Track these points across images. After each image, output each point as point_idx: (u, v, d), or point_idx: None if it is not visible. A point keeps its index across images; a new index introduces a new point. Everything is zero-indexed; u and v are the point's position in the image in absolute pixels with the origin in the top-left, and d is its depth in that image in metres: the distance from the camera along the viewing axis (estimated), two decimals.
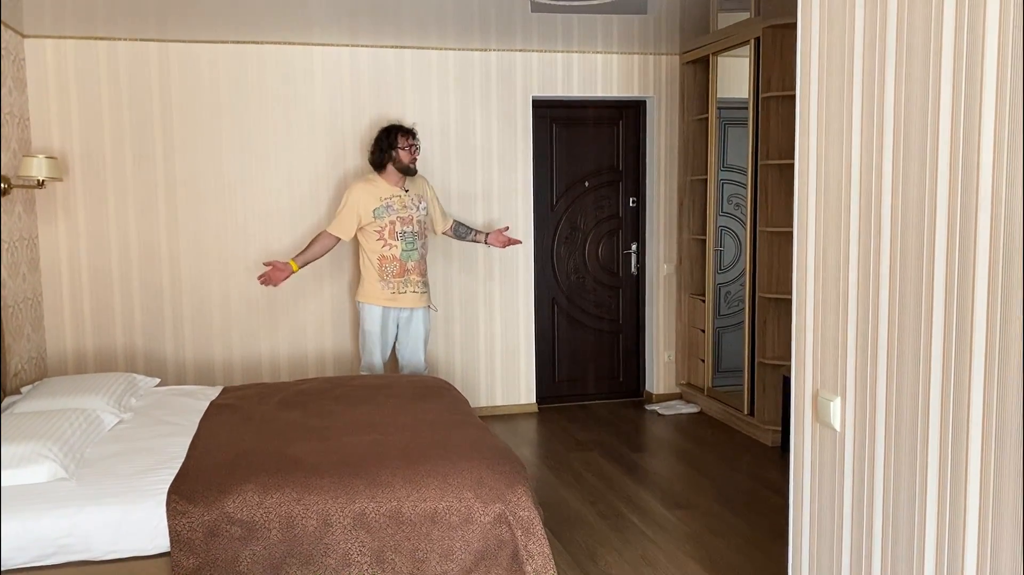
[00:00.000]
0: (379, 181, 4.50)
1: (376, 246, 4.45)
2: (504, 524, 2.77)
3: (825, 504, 2.03)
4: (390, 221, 4.44)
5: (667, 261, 5.68)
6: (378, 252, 4.46)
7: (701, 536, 3.50)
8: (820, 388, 2.02)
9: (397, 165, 4.46)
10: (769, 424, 4.75)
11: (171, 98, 4.80)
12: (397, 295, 4.51)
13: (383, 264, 4.46)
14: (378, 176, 4.51)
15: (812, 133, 2.01)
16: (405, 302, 4.54)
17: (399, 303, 4.52)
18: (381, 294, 4.49)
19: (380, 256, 4.46)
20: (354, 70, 5.04)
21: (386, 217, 4.44)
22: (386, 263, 4.46)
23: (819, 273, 2.01)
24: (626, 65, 5.46)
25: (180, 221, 4.87)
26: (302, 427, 3.25)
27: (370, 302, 4.53)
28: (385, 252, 4.45)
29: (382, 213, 4.43)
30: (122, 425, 3.30)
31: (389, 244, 4.45)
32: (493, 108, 5.27)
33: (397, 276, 4.48)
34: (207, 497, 2.64)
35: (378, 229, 4.44)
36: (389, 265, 4.46)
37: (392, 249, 4.45)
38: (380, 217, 4.43)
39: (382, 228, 4.44)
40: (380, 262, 4.46)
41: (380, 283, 4.48)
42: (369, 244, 4.47)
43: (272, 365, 5.07)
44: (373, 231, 4.45)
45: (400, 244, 4.46)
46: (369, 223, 4.44)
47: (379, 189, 4.47)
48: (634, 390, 5.85)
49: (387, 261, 4.46)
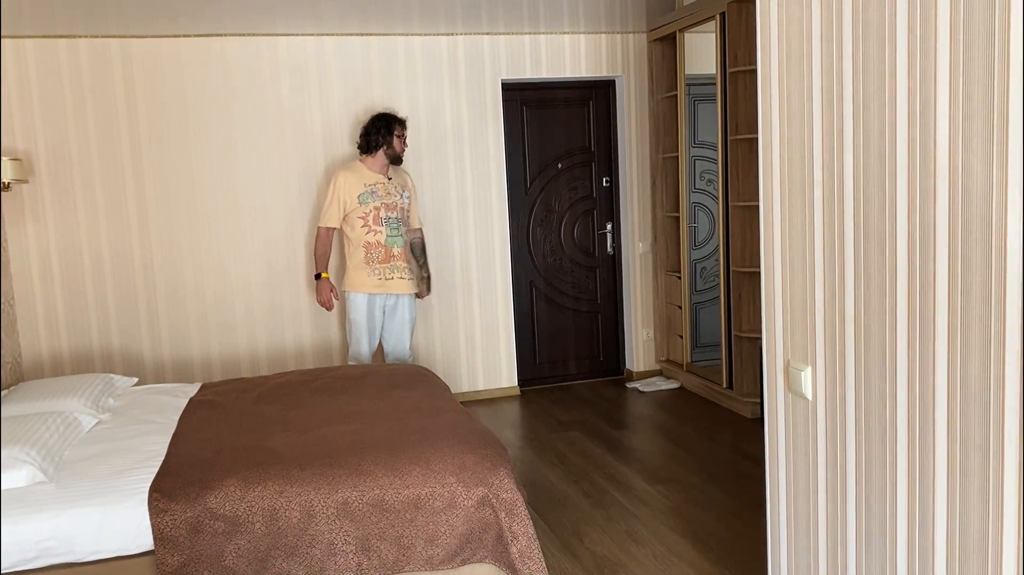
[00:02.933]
0: (362, 168, 4.54)
1: (360, 232, 4.47)
2: (488, 507, 2.79)
3: (800, 472, 2.06)
4: (375, 207, 4.47)
5: (642, 239, 5.71)
6: (363, 238, 4.48)
7: (683, 509, 3.55)
8: (791, 358, 2.05)
9: (388, 153, 4.53)
10: (748, 396, 4.80)
11: (136, 95, 4.75)
12: (384, 282, 4.53)
13: (369, 250, 4.49)
14: (362, 162, 4.56)
15: (773, 107, 2.03)
16: (392, 288, 4.56)
17: (387, 289, 4.55)
18: (368, 281, 4.51)
19: (365, 242, 4.48)
20: (320, 60, 5.01)
21: (371, 203, 4.47)
22: (372, 249, 4.49)
23: (786, 245, 2.03)
24: (594, 45, 5.46)
25: (151, 218, 4.83)
26: (281, 420, 3.25)
27: (356, 290, 4.55)
28: (370, 238, 4.47)
29: (367, 199, 4.46)
30: (100, 426, 3.29)
31: (373, 230, 4.47)
32: (463, 93, 5.26)
33: (383, 262, 4.50)
34: (189, 494, 2.64)
35: (362, 215, 4.47)
36: (375, 251, 4.49)
37: (377, 235, 4.48)
38: (364, 203, 4.46)
39: (366, 214, 4.47)
40: (366, 248, 4.49)
41: (367, 269, 4.50)
42: (354, 231, 4.50)
43: (251, 360, 5.06)
44: (357, 217, 4.47)
45: (384, 230, 4.49)
46: (353, 209, 4.47)
47: (363, 175, 4.51)
48: (614, 369, 5.89)
49: (372, 247, 4.49)
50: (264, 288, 5.03)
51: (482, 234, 5.37)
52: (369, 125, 4.56)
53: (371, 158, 4.56)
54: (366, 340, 4.61)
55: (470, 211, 5.34)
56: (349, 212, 4.48)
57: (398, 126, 4.55)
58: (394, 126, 4.54)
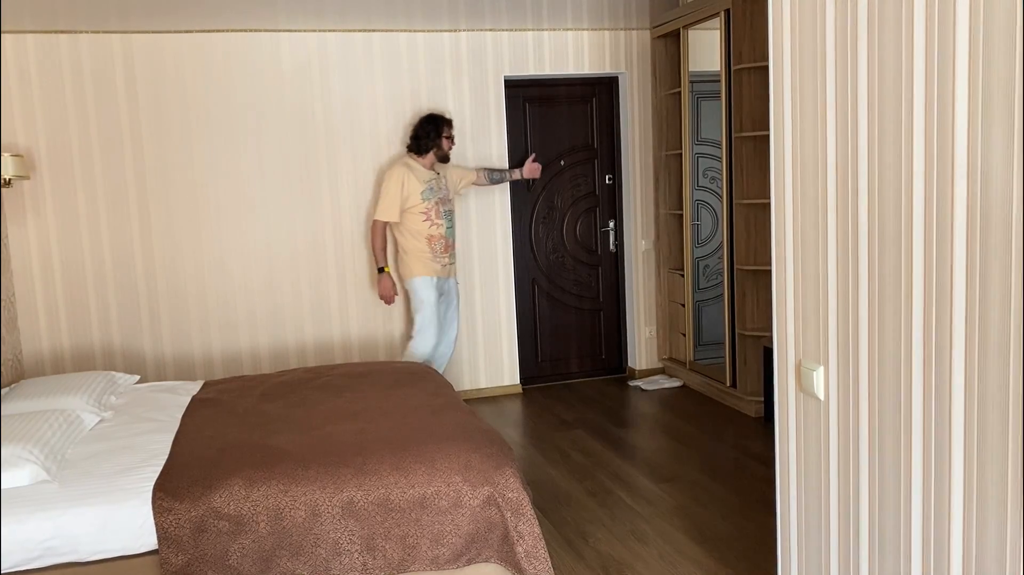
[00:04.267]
0: (417, 166, 4.74)
1: (423, 226, 4.70)
2: (493, 506, 2.77)
3: (811, 473, 2.04)
4: (435, 202, 4.71)
5: (645, 237, 5.69)
6: (426, 232, 4.71)
7: (688, 508, 3.53)
8: (803, 358, 2.03)
9: (438, 154, 4.78)
10: (751, 395, 4.78)
11: (137, 91, 4.72)
12: (445, 267, 4.83)
13: (432, 242, 4.73)
14: (415, 161, 4.75)
15: (785, 104, 2.01)
16: (450, 273, 4.90)
17: (447, 274, 4.87)
18: (432, 266, 4.76)
19: (428, 235, 4.71)
20: (322, 56, 4.98)
21: (432, 198, 4.70)
22: (434, 241, 4.73)
23: (798, 244, 2.01)
24: (597, 41, 5.44)
25: (152, 215, 4.81)
26: (285, 418, 3.23)
27: (424, 274, 4.75)
28: (433, 231, 4.72)
29: (428, 195, 4.69)
30: (103, 424, 3.27)
31: (436, 223, 4.72)
32: (465, 90, 5.23)
33: (444, 252, 4.79)
34: (193, 493, 2.62)
35: (424, 211, 4.69)
36: (437, 243, 4.74)
37: (439, 228, 4.74)
38: (427, 199, 4.69)
39: (428, 209, 4.70)
40: (429, 241, 4.72)
41: (431, 256, 4.74)
42: (415, 225, 4.70)
43: (253, 357, 5.03)
44: (419, 212, 4.69)
45: (444, 223, 4.76)
46: (415, 205, 4.68)
47: (420, 173, 4.72)
48: (617, 367, 5.87)
49: (435, 239, 4.73)
50: (266, 285, 5.01)
51: (484, 231, 5.35)
52: (419, 127, 4.76)
53: (423, 158, 4.76)
54: (435, 323, 4.79)
55: (472, 208, 5.31)
56: (410, 207, 4.68)
57: (446, 127, 4.78)
58: (443, 127, 4.76)
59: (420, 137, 4.74)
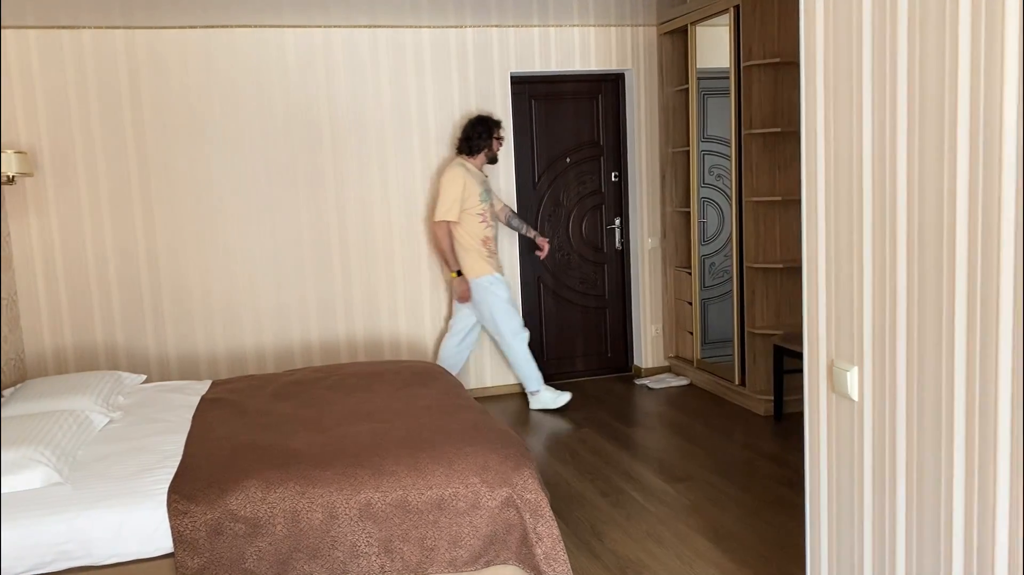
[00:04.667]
0: (472, 167, 4.78)
1: (479, 228, 4.72)
2: (512, 508, 2.74)
3: (844, 475, 2.01)
4: (490, 204, 4.78)
5: (651, 235, 5.66)
6: (481, 234, 4.74)
7: (702, 508, 3.50)
8: (835, 358, 2.00)
9: (488, 155, 4.80)
10: (761, 394, 4.76)
11: (141, 87, 4.67)
12: (496, 268, 4.86)
13: (487, 243, 4.77)
14: (468, 162, 4.79)
15: (818, 100, 1.97)
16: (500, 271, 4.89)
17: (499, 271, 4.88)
18: (491, 264, 4.79)
19: (484, 237, 4.75)
20: (328, 52, 4.94)
21: (487, 201, 4.75)
22: (488, 243, 4.78)
23: (831, 241, 1.98)
24: (603, 38, 5.40)
25: (156, 213, 4.76)
26: (298, 419, 3.19)
27: (488, 272, 4.78)
28: (488, 233, 4.77)
29: (485, 197, 4.74)
30: (112, 425, 3.22)
31: (490, 225, 4.78)
32: (471, 86, 5.19)
33: (494, 254, 4.83)
34: (208, 495, 2.58)
35: (481, 212, 4.71)
36: (490, 244, 4.80)
37: (492, 230, 4.81)
38: (484, 200, 4.72)
39: (484, 211, 4.73)
40: (484, 242, 4.75)
41: (489, 258, 4.78)
42: (471, 227, 4.72)
43: (258, 356, 4.99)
44: (476, 214, 4.70)
45: (495, 225, 4.85)
46: (473, 206, 4.68)
47: (476, 175, 4.75)
48: (623, 365, 5.84)
49: (489, 240, 4.79)
50: (271, 284, 4.97)
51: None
52: (470, 129, 4.77)
53: (474, 159, 4.79)
54: (512, 307, 4.84)
55: None
56: (468, 208, 4.67)
57: (497, 127, 4.79)
58: (494, 128, 4.77)
59: (471, 138, 4.75)
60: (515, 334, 4.88)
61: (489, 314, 4.85)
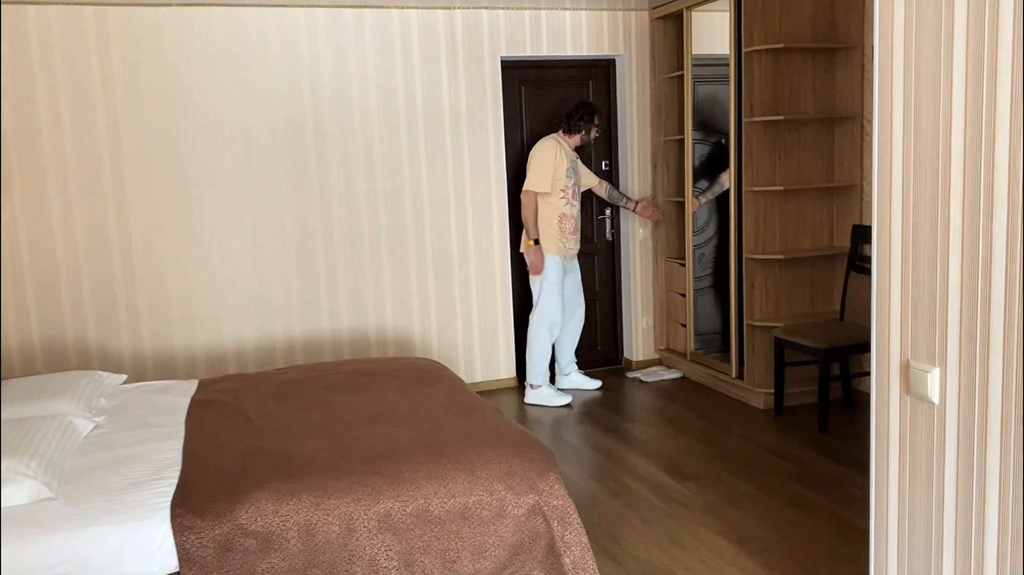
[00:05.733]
0: (565, 144, 4.81)
1: (560, 203, 4.75)
2: (539, 515, 2.59)
3: (919, 485, 1.90)
4: (574, 183, 4.79)
5: (643, 225, 5.53)
6: (560, 209, 4.75)
7: (719, 508, 3.39)
8: (911, 358, 1.88)
9: (584, 138, 4.85)
10: (760, 387, 4.67)
11: (113, 68, 4.38)
12: (568, 248, 4.86)
13: (563, 221, 4.77)
14: (564, 139, 4.82)
15: (895, 86, 1.84)
16: (573, 254, 4.94)
17: (571, 255, 4.92)
18: (560, 246, 4.81)
19: (561, 214, 4.76)
20: (311, 31, 4.70)
21: (572, 179, 4.78)
22: (565, 220, 4.78)
23: (907, 235, 1.85)
24: (595, 22, 5.24)
25: (129, 200, 4.48)
26: (303, 422, 2.99)
27: (552, 252, 4.80)
28: (567, 210, 4.77)
29: (571, 174, 4.77)
30: (99, 430, 2.99)
31: (571, 203, 4.79)
32: (460, 70, 5.00)
33: (572, 233, 4.84)
34: (216, 509, 2.38)
35: (564, 188, 4.74)
36: (568, 222, 4.79)
37: (573, 208, 4.81)
38: (570, 177, 4.76)
39: (567, 187, 4.75)
40: (560, 219, 4.76)
41: (559, 236, 4.79)
42: (553, 201, 4.75)
43: (238, 354, 4.75)
44: (559, 189, 4.74)
45: (577, 204, 4.84)
46: (559, 180, 4.73)
47: (567, 152, 4.80)
48: (613, 358, 5.72)
49: (567, 218, 4.79)
50: (252, 277, 4.73)
51: (480, 219, 5.13)
52: (574, 109, 4.81)
53: (570, 137, 4.82)
54: (560, 299, 4.89)
55: (468, 194, 5.09)
56: (555, 183, 4.70)
57: (598, 115, 4.86)
58: (595, 116, 4.83)
59: (572, 116, 4.79)
60: (550, 324, 4.90)
61: (538, 291, 4.88)
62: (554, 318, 4.92)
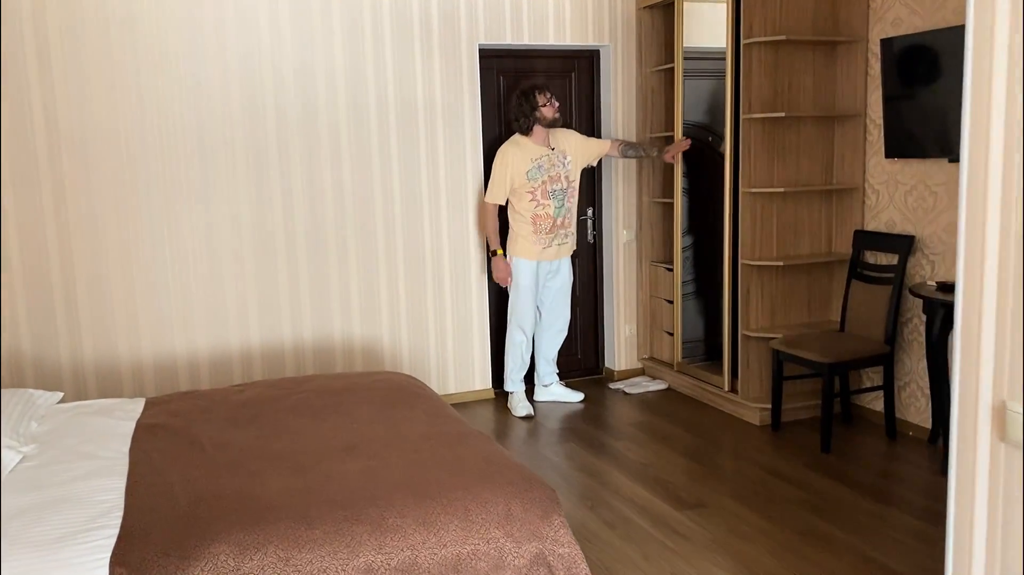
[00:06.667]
0: (527, 142, 4.52)
1: (529, 206, 4.52)
2: (543, 566, 2.26)
3: (1012, 541, 1.60)
4: (542, 182, 4.50)
5: (627, 227, 5.22)
6: (531, 211, 4.52)
7: (728, 543, 3.09)
8: (1007, 398, 1.58)
9: (543, 123, 4.49)
10: (755, 402, 4.38)
11: (49, 44, 3.93)
12: (546, 249, 4.59)
13: (537, 222, 4.54)
14: (524, 139, 4.53)
15: (995, 79, 1.54)
16: (555, 254, 4.63)
17: (551, 256, 4.62)
18: (533, 249, 4.57)
19: (534, 215, 4.53)
20: (273, 12, 4.29)
21: (538, 178, 4.49)
22: (539, 221, 4.54)
23: (1006, 255, 1.55)
24: (579, 8, 4.91)
25: (69, 197, 4.03)
26: (266, 454, 2.61)
27: (522, 256, 4.59)
28: (538, 211, 4.52)
29: (535, 174, 4.49)
30: (27, 464, 2.57)
31: (542, 203, 4.51)
32: (436, 58, 4.63)
33: (549, 232, 4.56)
34: (165, 567, 2.00)
35: (530, 190, 4.50)
36: (542, 223, 4.54)
37: (545, 208, 4.52)
38: (533, 179, 4.49)
39: (534, 189, 4.49)
40: (534, 220, 4.53)
41: (534, 238, 4.56)
42: (521, 204, 4.54)
43: (190, 365, 4.33)
44: (526, 192, 4.50)
45: (552, 203, 4.53)
46: (522, 185, 4.49)
47: (529, 150, 4.50)
48: (593, 367, 5.40)
49: (540, 219, 4.53)
50: (205, 281, 4.31)
51: (456, 218, 4.78)
52: (513, 109, 4.52)
53: (530, 135, 4.53)
54: (532, 309, 4.68)
55: (443, 192, 4.73)
56: (517, 187, 4.50)
57: (539, 95, 4.47)
58: (533, 97, 4.46)
59: (517, 118, 4.51)
60: (520, 328, 4.70)
61: (512, 293, 4.69)
62: (523, 322, 4.69)
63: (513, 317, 4.70)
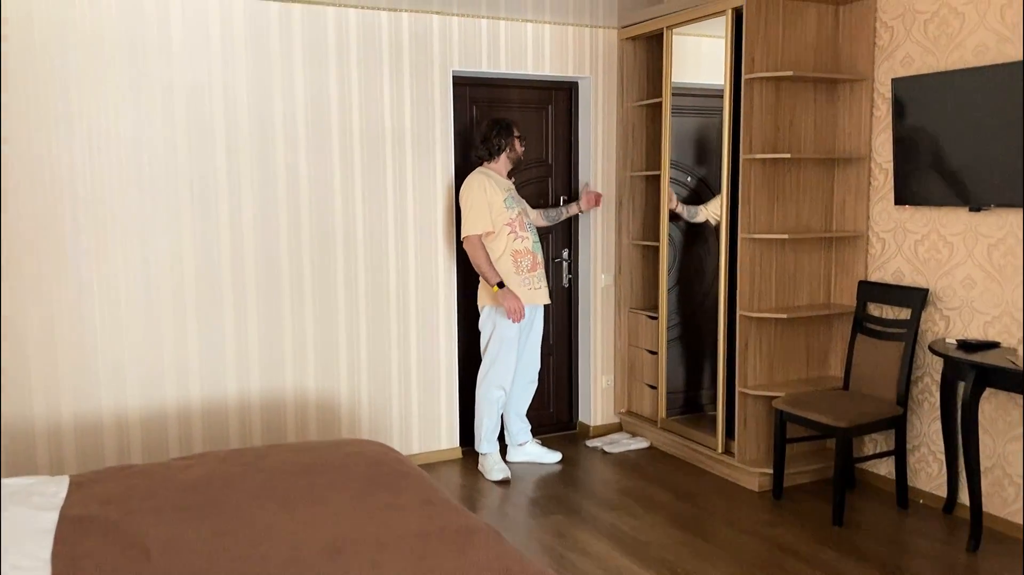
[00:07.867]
0: (493, 173, 4.18)
1: (508, 240, 4.13)
2: None
3: None
4: (518, 212, 4.16)
5: (605, 271, 4.85)
6: (511, 247, 4.13)
7: None
8: None
9: (511, 157, 4.21)
10: (754, 466, 4.03)
11: None
12: (532, 291, 4.18)
13: (517, 258, 4.15)
14: (490, 167, 4.20)
15: None
16: (538, 298, 4.23)
17: (534, 300, 4.20)
18: (520, 291, 4.13)
19: (514, 251, 4.14)
20: (225, 23, 3.81)
21: (515, 207, 4.15)
22: (520, 257, 4.16)
23: None
24: (559, 38, 4.56)
25: None
26: (228, 561, 2.09)
27: None
28: (518, 245, 4.14)
29: (512, 203, 4.15)
30: None
31: (520, 236, 4.15)
32: (406, 82, 4.21)
33: (531, 270, 4.18)
34: None
35: (508, 221, 4.11)
36: (523, 259, 4.16)
37: (524, 241, 4.16)
38: (511, 207, 4.13)
39: (512, 220, 4.13)
40: (515, 256, 4.14)
41: (517, 279, 4.14)
42: (498, 241, 4.13)
43: (118, 425, 3.74)
44: (504, 224, 4.11)
45: (530, 235, 4.19)
46: (500, 214, 4.09)
47: (498, 181, 4.17)
48: (566, 422, 4.99)
49: (521, 255, 4.16)
50: (139, 327, 3.75)
51: (424, 256, 4.33)
52: (488, 130, 4.17)
53: (496, 163, 4.20)
54: (515, 357, 4.24)
55: (410, 227, 4.29)
56: (496, 218, 4.09)
57: (515, 130, 4.21)
58: (512, 130, 4.18)
59: (489, 139, 4.14)
60: (500, 384, 4.24)
61: (488, 343, 4.23)
62: (504, 378, 4.24)
63: (491, 372, 4.23)
